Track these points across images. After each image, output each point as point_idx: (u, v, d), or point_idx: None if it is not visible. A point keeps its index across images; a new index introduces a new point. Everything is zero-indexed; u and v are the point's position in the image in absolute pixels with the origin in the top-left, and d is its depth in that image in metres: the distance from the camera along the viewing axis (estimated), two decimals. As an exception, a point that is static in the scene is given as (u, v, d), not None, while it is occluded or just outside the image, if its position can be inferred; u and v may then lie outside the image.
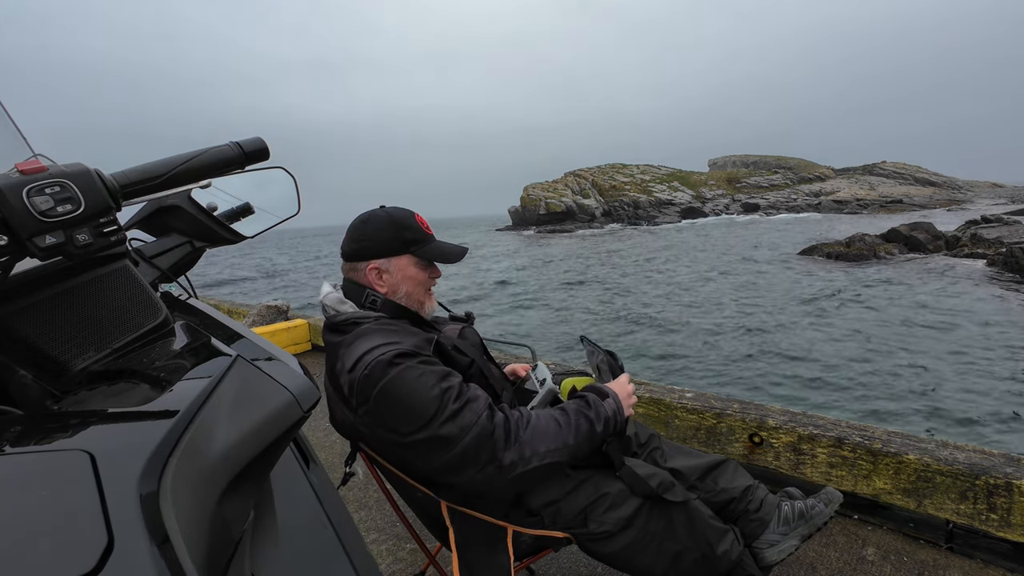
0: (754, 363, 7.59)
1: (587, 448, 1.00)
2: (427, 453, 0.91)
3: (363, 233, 1.11)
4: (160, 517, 0.29)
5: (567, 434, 0.97)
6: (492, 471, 0.90)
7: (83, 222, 0.48)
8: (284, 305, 5.17)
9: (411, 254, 1.12)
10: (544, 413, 1.00)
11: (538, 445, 0.93)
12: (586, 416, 1.00)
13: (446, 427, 0.89)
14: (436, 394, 0.90)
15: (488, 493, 0.95)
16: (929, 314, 10.24)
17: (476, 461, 0.90)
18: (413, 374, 0.91)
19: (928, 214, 49.54)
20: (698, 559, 1.05)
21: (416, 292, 1.14)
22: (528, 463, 0.92)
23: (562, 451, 0.95)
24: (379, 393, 0.91)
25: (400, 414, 0.91)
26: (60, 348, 0.51)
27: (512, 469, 0.91)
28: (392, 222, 1.11)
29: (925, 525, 1.68)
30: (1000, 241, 17.90)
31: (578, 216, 68.41)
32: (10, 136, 0.78)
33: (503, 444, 0.91)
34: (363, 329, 1.02)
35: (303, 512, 0.51)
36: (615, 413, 1.03)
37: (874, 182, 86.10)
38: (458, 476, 0.92)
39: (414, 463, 0.93)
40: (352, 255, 1.12)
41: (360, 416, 0.95)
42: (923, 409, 5.71)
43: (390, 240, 1.10)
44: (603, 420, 1.01)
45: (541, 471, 0.94)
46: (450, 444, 0.89)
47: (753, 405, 2.14)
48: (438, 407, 0.90)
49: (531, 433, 0.94)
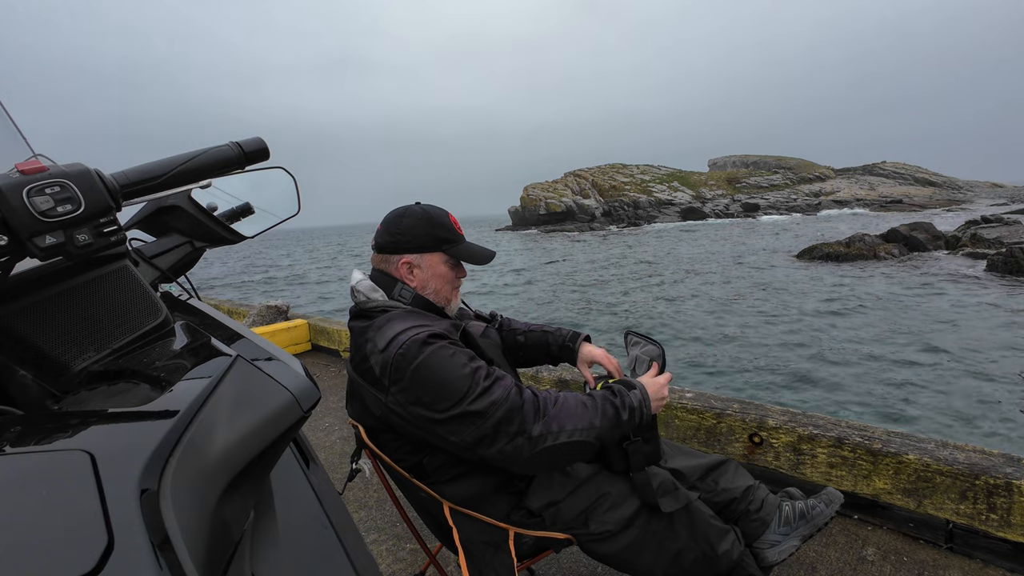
0: (753, 365, 7.60)
1: (612, 434, 1.01)
2: (461, 428, 0.93)
3: (399, 227, 1.12)
4: (160, 517, 0.29)
5: (594, 415, 0.98)
6: (522, 442, 0.93)
7: (83, 222, 0.48)
8: (284, 305, 5.17)
9: (443, 252, 1.14)
10: (572, 395, 1.02)
11: (565, 422, 0.96)
12: (612, 403, 1.01)
13: (478, 402, 0.92)
14: (468, 372, 0.94)
15: (514, 468, 0.97)
16: (929, 314, 10.25)
17: (507, 433, 0.92)
18: (446, 353, 0.95)
19: (928, 214, 49.54)
20: (699, 558, 1.05)
21: (444, 289, 1.16)
22: (556, 437, 0.94)
23: (589, 431, 0.97)
24: (414, 371, 0.93)
25: (435, 391, 0.93)
26: (60, 348, 0.51)
27: (541, 441, 0.93)
28: (428, 219, 1.12)
29: (925, 525, 1.68)
30: (1000, 241, 17.91)
31: (578, 216, 68.42)
32: (10, 136, 0.78)
33: (532, 417, 0.94)
34: (393, 314, 1.05)
35: (303, 512, 0.51)
36: (640, 404, 1.03)
37: (874, 182, 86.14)
38: (489, 448, 0.94)
39: (449, 439, 0.95)
40: (386, 247, 1.14)
41: (394, 394, 0.97)
42: (923, 409, 5.71)
43: (424, 237, 1.12)
44: (628, 408, 1.01)
45: (568, 448, 0.95)
46: (483, 417, 0.92)
47: (753, 405, 2.14)
48: (471, 384, 0.93)
49: (559, 409, 0.97)
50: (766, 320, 10.32)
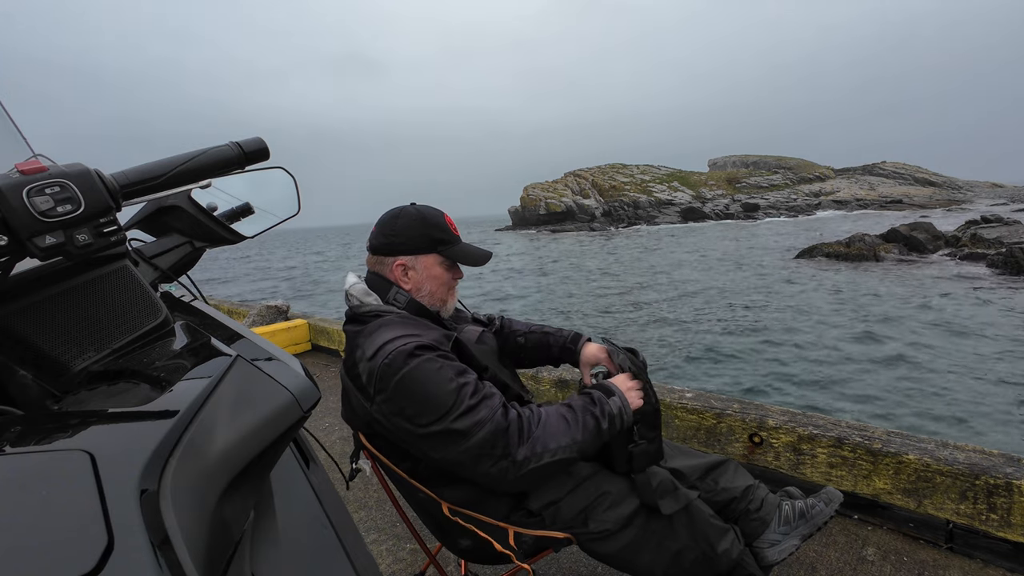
0: (756, 363, 7.59)
1: (595, 444, 1.00)
2: (442, 445, 0.92)
3: (393, 229, 1.11)
4: (160, 517, 0.29)
5: (575, 431, 0.98)
6: (506, 465, 0.91)
7: (83, 222, 0.48)
8: (284, 305, 5.17)
9: (438, 253, 1.13)
10: (552, 410, 1.01)
11: (549, 442, 0.95)
12: (592, 413, 1.01)
13: (461, 421, 0.90)
14: (453, 388, 0.92)
15: (498, 488, 0.96)
16: (928, 314, 10.24)
17: (491, 456, 0.91)
18: (432, 366, 0.93)
19: (928, 214, 49.45)
20: (698, 558, 1.05)
21: (439, 291, 1.15)
22: (540, 459, 0.93)
23: (572, 447, 0.96)
24: (398, 382, 0.92)
25: (418, 405, 0.91)
26: (60, 348, 0.51)
27: (525, 464, 0.92)
28: (422, 220, 1.11)
29: (925, 525, 1.68)
30: (1000, 241, 17.91)
31: (578, 216, 68.39)
32: (10, 136, 0.78)
33: (516, 440, 0.92)
34: (384, 320, 1.03)
35: (303, 512, 0.51)
36: (620, 410, 1.03)
37: (874, 182, 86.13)
38: (473, 470, 0.92)
39: (430, 454, 0.94)
40: (380, 249, 1.12)
41: (378, 404, 0.96)
42: (923, 409, 5.71)
43: (419, 238, 1.10)
44: (608, 417, 1.01)
45: (552, 467, 0.95)
46: (465, 437, 0.90)
47: (753, 405, 2.14)
48: (455, 401, 0.91)
49: (543, 429, 0.96)
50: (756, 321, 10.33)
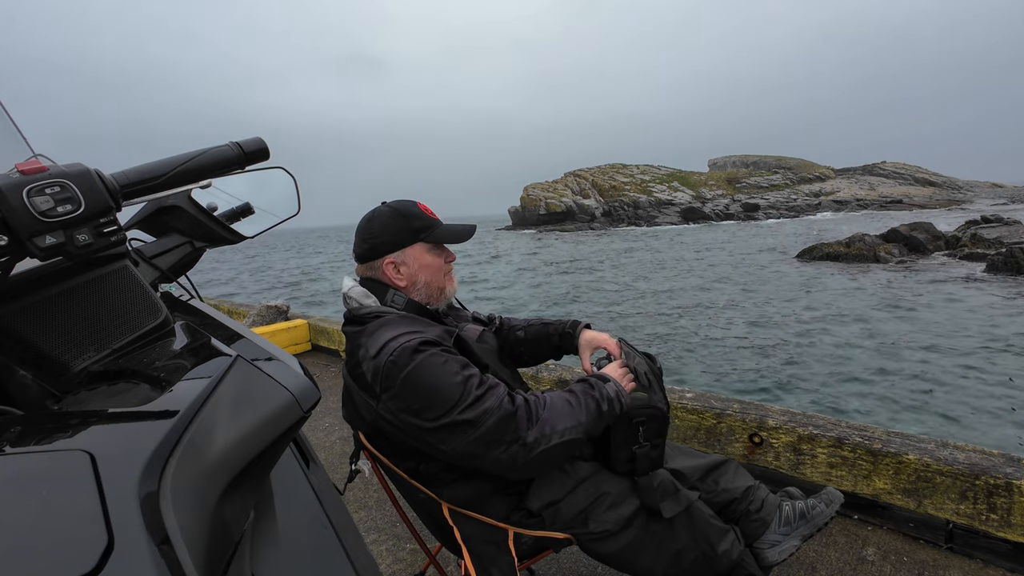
0: (756, 364, 7.60)
1: (598, 427, 1.02)
2: (452, 437, 0.92)
3: (371, 231, 1.11)
4: (160, 517, 0.29)
5: (579, 412, 1.00)
6: (517, 449, 0.93)
7: (83, 222, 0.48)
8: (284, 305, 5.17)
9: (422, 241, 1.13)
10: (555, 395, 1.02)
11: (556, 423, 0.96)
12: (592, 397, 1.03)
13: (470, 411, 0.91)
14: (460, 380, 0.93)
15: (509, 475, 0.97)
16: (927, 314, 10.24)
17: (501, 441, 0.92)
18: (437, 361, 0.94)
19: (928, 214, 49.48)
20: (698, 558, 1.05)
21: (435, 279, 1.15)
22: (550, 440, 0.94)
23: (578, 428, 0.98)
24: (405, 379, 0.92)
25: (425, 399, 0.92)
26: (60, 348, 0.51)
27: (536, 446, 0.93)
28: (398, 214, 1.11)
29: (925, 525, 1.68)
30: (1000, 241, 17.90)
31: (578, 216, 68.41)
32: (10, 136, 0.78)
33: (526, 423, 0.94)
34: (385, 319, 1.04)
35: (303, 512, 0.51)
36: (617, 395, 1.05)
37: (874, 182, 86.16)
38: (483, 459, 0.93)
39: (439, 448, 0.94)
40: (366, 255, 1.13)
41: (384, 402, 0.96)
42: (923, 410, 5.71)
43: (399, 232, 1.11)
44: (607, 400, 1.03)
45: (561, 448, 0.96)
46: (474, 427, 0.91)
47: (753, 405, 2.14)
48: (462, 392, 0.92)
49: (549, 412, 0.97)
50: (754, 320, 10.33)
